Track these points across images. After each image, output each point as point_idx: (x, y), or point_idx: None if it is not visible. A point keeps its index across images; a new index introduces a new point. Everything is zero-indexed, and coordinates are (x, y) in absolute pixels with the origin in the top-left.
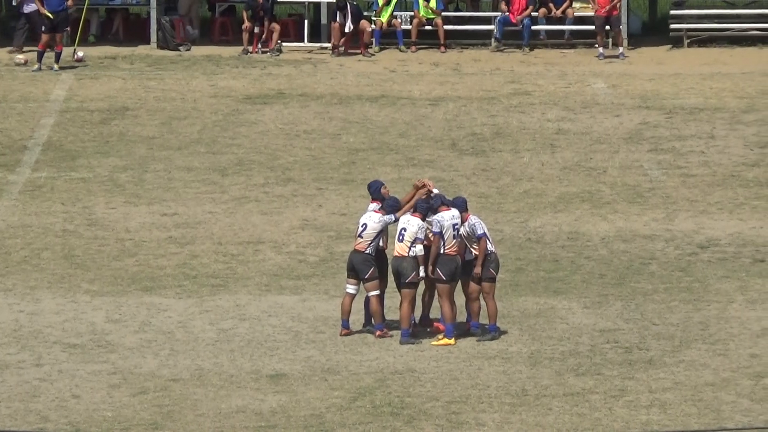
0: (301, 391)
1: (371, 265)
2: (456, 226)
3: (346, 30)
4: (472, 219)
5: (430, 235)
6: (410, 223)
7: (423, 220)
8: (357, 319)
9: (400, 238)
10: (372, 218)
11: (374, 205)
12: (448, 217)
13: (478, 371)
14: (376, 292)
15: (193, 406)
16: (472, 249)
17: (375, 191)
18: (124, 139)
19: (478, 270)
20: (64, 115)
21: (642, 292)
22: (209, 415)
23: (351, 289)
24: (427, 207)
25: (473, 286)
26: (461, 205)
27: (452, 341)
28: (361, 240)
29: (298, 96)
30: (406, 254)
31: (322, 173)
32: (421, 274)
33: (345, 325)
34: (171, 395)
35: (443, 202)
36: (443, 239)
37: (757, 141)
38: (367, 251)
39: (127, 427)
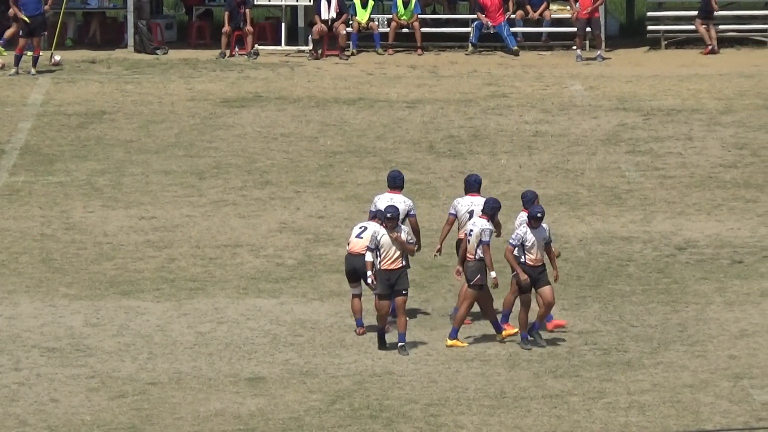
0: (280, 394)
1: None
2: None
3: (325, 17)
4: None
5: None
6: (476, 224)
7: (490, 221)
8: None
9: (468, 240)
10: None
11: (386, 198)
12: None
13: (457, 374)
14: (358, 292)
15: (172, 409)
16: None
17: (398, 179)
18: (101, 142)
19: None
20: (41, 119)
21: (620, 294)
22: (188, 419)
23: (356, 290)
24: (494, 208)
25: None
26: (524, 202)
27: (453, 342)
28: (361, 241)
29: (275, 99)
30: (473, 257)
31: (299, 176)
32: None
33: (360, 324)
34: (150, 399)
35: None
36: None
37: (734, 142)
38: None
39: (106, 431)
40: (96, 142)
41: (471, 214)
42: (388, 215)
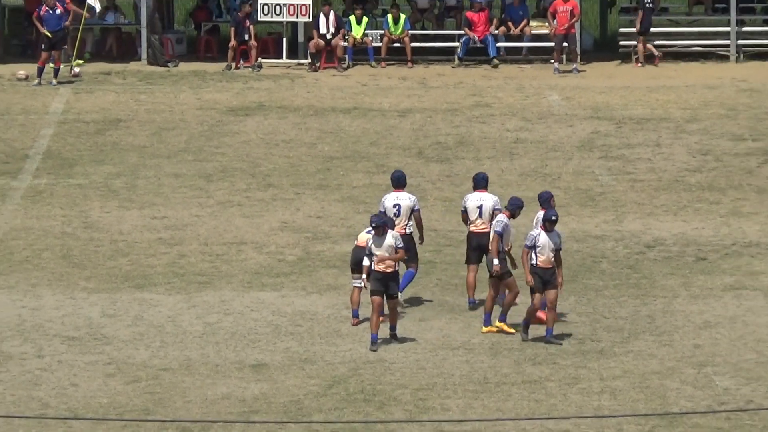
0: (281, 379)
1: None
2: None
3: (323, 31)
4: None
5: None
6: (497, 218)
7: (512, 218)
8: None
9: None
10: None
11: (392, 197)
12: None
13: (443, 361)
14: (359, 284)
15: (182, 393)
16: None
17: (401, 179)
18: (117, 148)
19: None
20: (62, 126)
21: (594, 288)
22: (197, 402)
23: (357, 282)
24: (516, 206)
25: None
26: (541, 202)
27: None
28: (369, 235)
29: (277, 108)
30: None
31: (299, 179)
32: None
33: (355, 314)
34: (161, 383)
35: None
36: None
37: (699, 149)
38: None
39: (122, 413)
40: (112, 148)
41: (480, 209)
42: (373, 224)
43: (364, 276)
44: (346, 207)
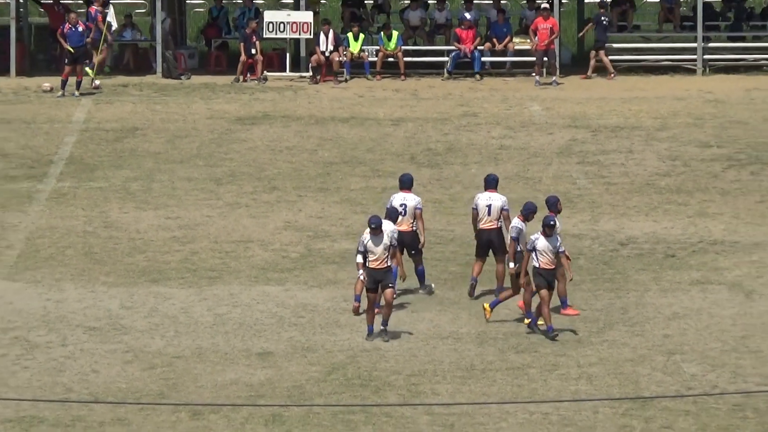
0: (285, 366)
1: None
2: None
3: (323, 49)
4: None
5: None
6: (513, 223)
7: (525, 222)
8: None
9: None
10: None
11: (399, 197)
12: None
13: (434, 349)
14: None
15: (194, 379)
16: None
17: (409, 181)
18: (134, 154)
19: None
20: (83, 134)
21: (572, 283)
22: (207, 387)
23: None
24: (529, 210)
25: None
26: (548, 206)
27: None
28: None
29: (281, 117)
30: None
31: (301, 183)
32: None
33: (357, 299)
34: (175, 370)
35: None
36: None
37: (668, 154)
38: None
39: (138, 397)
40: (130, 154)
41: (489, 207)
42: (372, 225)
43: (361, 271)
44: (345, 208)
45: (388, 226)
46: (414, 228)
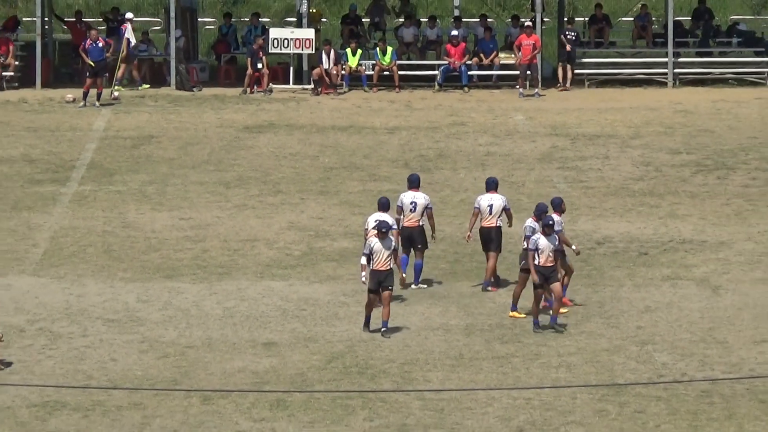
0: (288, 355)
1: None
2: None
3: (326, 67)
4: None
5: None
6: (526, 222)
7: (538, 221)
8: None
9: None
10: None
11: (410, 195)
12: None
13: (425, 340)
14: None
15: (205, 367)
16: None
17: (417, 180)
18: (150, 160)
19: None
20: (103, 142)
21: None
22: (217, 374)
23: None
24: (541, 210)
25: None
26: (553, 206)
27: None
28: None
29: (285, 126)
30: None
31: (304, 186)
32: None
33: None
34: (187, 359)
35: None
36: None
37: (642, 161)
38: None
39: (153, 384)
40: (146, 160)
41: (491, 207)
42: (383, 230)
43: (364, 274)
44: (344, 210)
45: (386, 218)
46: (421, 223)
